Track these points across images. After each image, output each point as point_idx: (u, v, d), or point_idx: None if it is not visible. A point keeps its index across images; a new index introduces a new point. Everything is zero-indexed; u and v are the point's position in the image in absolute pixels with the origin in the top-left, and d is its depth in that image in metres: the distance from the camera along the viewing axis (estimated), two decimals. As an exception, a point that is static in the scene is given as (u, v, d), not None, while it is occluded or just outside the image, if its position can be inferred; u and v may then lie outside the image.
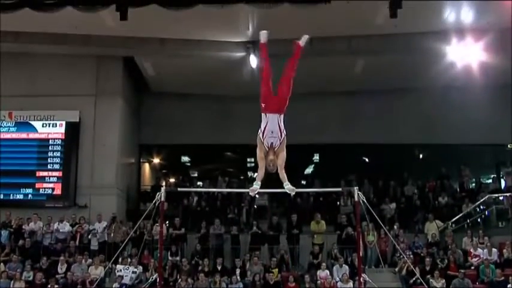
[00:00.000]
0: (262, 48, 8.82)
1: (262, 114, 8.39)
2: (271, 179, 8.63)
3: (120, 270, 17.22)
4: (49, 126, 20.69)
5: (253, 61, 18.87)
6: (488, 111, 21.46)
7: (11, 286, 16.76)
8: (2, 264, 17.65)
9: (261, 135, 8.26)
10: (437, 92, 21.66)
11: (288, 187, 8.23)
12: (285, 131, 8.31)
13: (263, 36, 8.67)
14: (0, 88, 19.47)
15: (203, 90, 22.36)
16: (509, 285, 15.98)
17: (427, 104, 22.38)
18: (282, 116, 8.35)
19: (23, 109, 20.63)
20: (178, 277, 17.19)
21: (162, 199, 10.19)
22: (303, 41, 8.68)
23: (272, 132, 8.22)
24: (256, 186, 8.30)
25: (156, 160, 25.28)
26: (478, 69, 18.98)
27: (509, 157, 23.11)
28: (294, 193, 8.50)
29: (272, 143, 8.21)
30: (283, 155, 8.23)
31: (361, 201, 10.35)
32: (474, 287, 16.51)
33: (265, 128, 8.26)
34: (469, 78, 19.71)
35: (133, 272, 17.06)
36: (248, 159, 24.96)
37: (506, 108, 20.47)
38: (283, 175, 8.21)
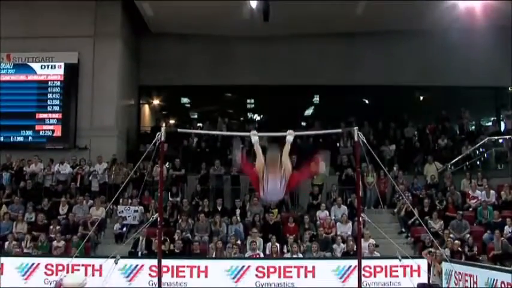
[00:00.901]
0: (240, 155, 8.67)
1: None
2: (272, 126, 8.61)
3: (122, 211, 17.36)
4: (48, 68, 20.63)
5: (253, 1, 18.65)
6: (489, 54, 21.32)
7: (13, 227, 16.93)
8: (4, 205, 17.79)
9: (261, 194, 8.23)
10: (438, 34, 21.46)
11: (288, 133, 8.19)
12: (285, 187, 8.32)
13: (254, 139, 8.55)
14: (-2, 30, 19.35)
15: (202, 31, 22.14)
16: (506, 227, 16.10)
17: (428, 46, 22.24)
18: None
19: (21, 51, 20.47)
20: (178, 217, 17.34)
21: (162, 139, 10.16)
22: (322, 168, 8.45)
23: (273, 191, 8.14)
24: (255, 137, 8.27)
25: (156, 101, 25.21)
26: (480, 11, 18.77)
27: (509, 100, 23.09)
28: (292, 139, 8.45)
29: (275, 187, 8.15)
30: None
31: (361, 142, 10.33)
32: (472, 228, 16.64)
33: (266, 189, 8.12)
34: (471, 19, 19.50)
35: (135, 211, 17.21)
36: (248, 101, 24.92)
37: (508, 50, 20.29)
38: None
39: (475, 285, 11.92)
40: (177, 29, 22.34)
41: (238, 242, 16.07)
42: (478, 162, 20.61)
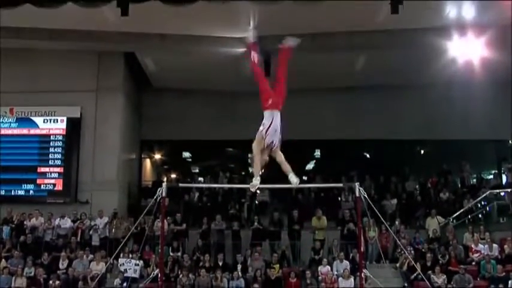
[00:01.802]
0: (252, 47, 8.82)
1: (266, 112, 8.34)
2: (273, 176, 8.61)
3: (123, 263, 17.24)
4: (50, 122, 20.73)
5: (255, 57, 18.80)
6: (489, 107, 21.44)
7: (13, 282, 16.79)
8: (3, 260, 17.66)
9: (264, 132, 8.21)
10: (438, 88, 21.61)
11: (292, 178, 8.21)
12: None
13: (251, 35, 8.67)
14: (1, 84, 19.47)
15: (204, 86, 22.34)
16: (510, 281, 15.98)
17: (428, 100, 22.37)
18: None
19: (24, 105, 20.62)
20: (179, 273, 17.21)
21: (164, 195, 10.19)
22: (289, 41, 8.56)
23: (276, 131, 8.18)
24: (256, 181, 8.27)
25: (157, 156, 25.30)
26: (479, 65, 18.91)
27: (510, 153, 23.14)
28: (297, 185, 8.45)
29: (272, 142, 8.17)
30: (280, 154, 8.22)
31: (362, 197, 10.34)
32: (475, 282, 16.51)
33: (270, 125, 8.20)
34: (470, 74, 19.63)
35: (136, 265, 17.10)
36: (249, 155, 24.94)
37: (507, 104, 20.41)
38: (287, 167, 8.21)
39: None
40: (178, 84, 22.53)
41: (240, 297, 15.96)
42: (480, 216, 20.52)
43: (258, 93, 8.53)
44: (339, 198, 21.00)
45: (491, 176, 23.43)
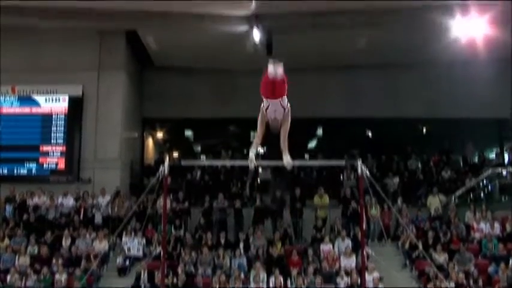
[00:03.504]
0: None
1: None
2: (275, 154, 8.55)
3: (126, 242, 17.30)
4: (52, 100, 20.70)
5: (256, 35, 18.77)
6: (492, 86, 21.39)
7: (16, 260, 16.86)
8: (6, 238, 17.71)
9: (264, 109, 8.16)
10: (441, 66, 21.57)
11: (286, 159, 8.15)
12: (288, 105, 8.14)
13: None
14: (3, 62, 19.44)
15: (206, 64, 22.30)
16: (511, 260, 16.02)
17: (430, 79, 22.32)
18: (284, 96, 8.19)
19: (26, 84, 20.60)
20: (181, 251, 17.27)
21: (166, 173, 10.17)
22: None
23: (275, 111, 8.11)
24: (252, 154, 8.19)
25: (160, 134, 25.30)
26: (482, 44, 18.86)
27: (512, 131, 23.10)
28: (290, 167, 8.39)
29: (275, 117, 8.10)
30: (287, 125, 8.11)
31: (364, 175, 10.33)
32: (476, 261, 16.56)
33: (267, 107, 8.15)
34: (473, 52, 19.60)
35: (139, 243, 17.16)
36: (251, 133, 24.94)
37: (510, 82, 20.37)
38: (284, 144, 8.12)
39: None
40: (180, 63, 22.49)
41: (242, 275, 16.00)
42: (482, 194, 20.57)
43: (260, 71, 8.44)
44: (341, 177, 21.02)
45: (494, 155, 23.43)
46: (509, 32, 18.19)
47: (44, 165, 20.40)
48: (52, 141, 20.51)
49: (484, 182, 20.52)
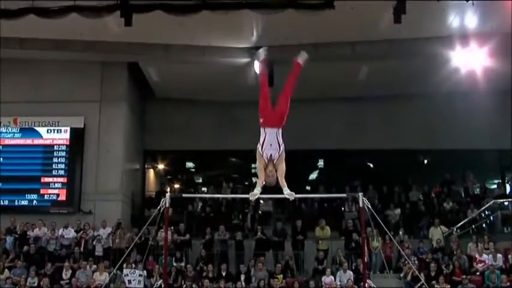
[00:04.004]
0: (260, 65, 8.88)
1: (261, 128, 8.40)
2: (275, 187, 8.61)
3: (127, 274, 17.21)
4: (54, 132, 20.74)
5: (257, 67, 18.83)
6: (492, 117, 21.44)
7: (16, 292, 16.80)
8: (6, 270, 17.65)
9: (260, 148, 8.28)
10: (441, 97, 21.60)
11: (287, 192, 8.27)
12: (283, 145, 8.33)
13: (261, 53, 8.74)
14: (5, 94, 19.54)
15: (207, 96, 22.38)
16: (514, 291, 15.96)
17: (430, 110, 22.37)
18: (280, 130, 8.36)
19: (28, 115, 20.67)
20: (183, 283, 17.22)
21: (167, 205, 10.18)
22: (302, 59, 8.70)
23: (271, 145, 8.25)
24: (257, 191, 8.31)
25: (161, 166, 25.27)
26: (482, 75, 18.95)
27: (513, 162, 23.07)
28: (293, 198, 8.49)
29: (271, 155, 8.23)
30: (282, 166, 8.25)
31: (365, 207, 10.31)
32: (479, 292, 16.49)
33: (263, 141, 8.28)
34: (473, 83, 19.69)
35: (140, 275, 17.07)
36: (253, 165, 24.89)
37: (509, 113, 20.42)
38: (283, 182, 8.25)
39: None
40: (182, 94, 22.57)
41: (244, 307, 15.94)
42: (484, 226, 20.48)
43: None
44: (343, 208, 21.01)
45: (495, 186, 23.40)
46: (508, 63, 18.28)
47: (45, 197, 20.38)
48: (53, 172, 20.52)
49: (486, 213, 20.44)
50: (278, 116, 8.41)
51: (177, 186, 24.41)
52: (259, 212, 21.37)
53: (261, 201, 20.75)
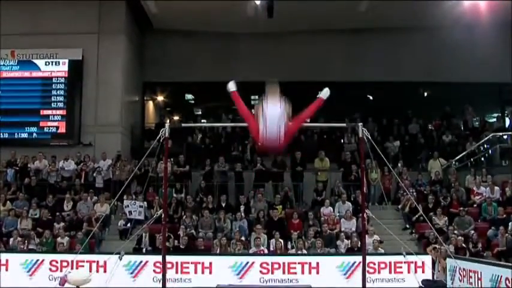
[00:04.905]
0: (234, 96, 8.70)
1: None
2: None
3: (128, 205, 17.34)
4: (52, 64, 20.65)
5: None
6: (493, 50, 21.28)
7: (18, 224, 16.96)
8: (8, 202, 17.82)
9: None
10: (442, 31, 21.37)
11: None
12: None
13: (231, 86, 8.62)
14: (2, 26, 19.36)
15: (206, 28, 22.14)
16: (510, 223, 16.07)
17: (431, 43, 22.19)
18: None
19: (25, 47, 20.50)
20: (182, 214, 17.36)
21: (166, 136, 10.19)
22: (325, 95, 8.56)
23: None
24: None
25: (160, 98, 25.24)
26: (484, 7, 18.73)
27: (513, 96, 23.02)
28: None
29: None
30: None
31: (365, 138, 10.31)
32: (476, 224, 16.65)
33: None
34: (475, 16, 19.48)
35: (140, 206, 17.21)
36: (252, 97, 24.85)
37: (511, 46, 20.25)
38: None
39: (479, 282, 11.89)
40: (181, 26, 22.33)
41: (243, 238, 16.11)
42: (482, 159, 20.56)
43: (261, 34, 8.46)
44: (342, 140, 21.04)
45: (494, 119, 23.39)
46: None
47: (45, 129, 20.42)
48: (52, 105, 20.50)
49: (485, 146, 20.49)
50: (279, 146, 8.22)
51: (176, 118, 24.41)
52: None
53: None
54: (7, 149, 19.73)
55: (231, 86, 8.69)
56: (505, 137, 20.56)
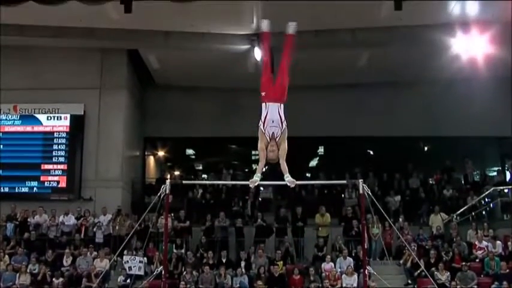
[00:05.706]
0: (264, 37, 8.83)
1: (262, 104, 8.39)
2: (276, 173, 8.59)
3: (128, 261, 17.21)
4: (54, 119, 20.74)
5: (258, 54, 18.82)
6: (492, 104, 21.36)
7: (17, 279, 16.84)
8: (7, 257, 17.72)
9: (261, 126, 8.27)
10: (442, 84, 21.56)
11: (288, 179, 8.21)
12: (285, 122, 8.32)
13: (265, 25, 8.71)
14: (5, 81, 19.52)
15: (207, 83, 22.34)
16: (514, 278, 15.98)
17: (431, 97, 22.33)
18: (282, 105, 8.33)
19: (28, 102, 20.65)
20: (183, 270, 17.25)
21: (167, 192, 10.20)
22: (291, 29, 8.63)
23: (273, 121, 8.22)
24: (257, 178, 8.27)
25: (161, 153, 25.30)
26: (483, 62, 18.89)
27: (512, 149, 23.06)
28: (293, 185, 8.44)
29: (273, 133, 8.20)
30: (284, 146, 8.21)
31: (365, 194, 10.32)
32: (479, 279, 16.51)
33: (265, 117, 8.27)
34: (474, 70, 19.62)
35: (140, 262, 17.08)
36: (253, 152, 24.94)
37: (509, 100, 20.38)
38: (284, 166, 8.20)
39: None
40: (182, 81, 22.54)
41: (244, 294, 15.99)
42: (483, 213, 20.51)
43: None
44: (343, 195, 21.02)
45: (495, 173, 23.40)
46: (509, 50, 18.25)
47: (45, 183, 20.41)
48: (53, 159, 20.53)
49: (486, 200, 20.47)
50: (279, 90, 8.39)
51: (177, 173, 24.41)
52: (260, 198, 21.39)
53: (261, 188, 20.77)
54: (7, 203, 19.68)
55: (265, 25, 8.71)
56: (506, 190, 20.57)
